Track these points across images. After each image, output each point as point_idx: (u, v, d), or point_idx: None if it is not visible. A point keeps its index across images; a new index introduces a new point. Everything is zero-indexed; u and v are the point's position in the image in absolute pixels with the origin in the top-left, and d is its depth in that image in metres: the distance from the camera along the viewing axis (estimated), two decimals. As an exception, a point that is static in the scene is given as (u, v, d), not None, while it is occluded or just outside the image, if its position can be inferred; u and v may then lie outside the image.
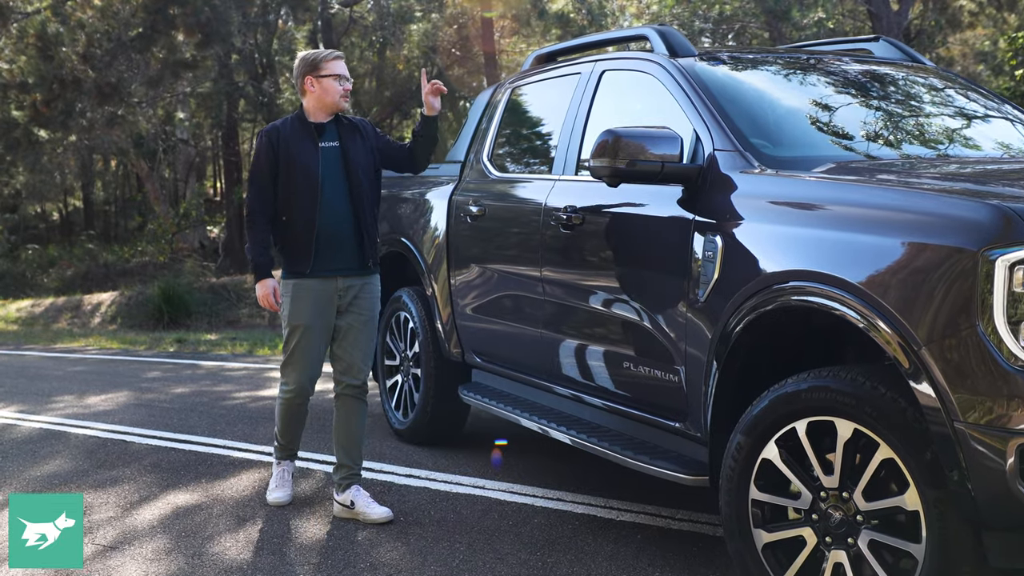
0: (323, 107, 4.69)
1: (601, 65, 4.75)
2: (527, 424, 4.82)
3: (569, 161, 4.71)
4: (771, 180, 3.59)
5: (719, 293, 3.58)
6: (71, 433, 6.60)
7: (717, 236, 3.61)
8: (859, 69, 4.56)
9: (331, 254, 4.65)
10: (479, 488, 5.08)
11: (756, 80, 4.36)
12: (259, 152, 4.70)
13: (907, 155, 3.94)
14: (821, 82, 4.39)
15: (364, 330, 4.77)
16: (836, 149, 3.93)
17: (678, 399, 3.87)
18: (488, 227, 5.24)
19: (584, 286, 4.41)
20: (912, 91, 4.46)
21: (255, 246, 4.68)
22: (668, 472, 3.86)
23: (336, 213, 4.63)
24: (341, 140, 4.68)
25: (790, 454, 3.27)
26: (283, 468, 4.99)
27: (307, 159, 4.61)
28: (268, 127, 4.78)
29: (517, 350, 5.06)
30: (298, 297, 4.66)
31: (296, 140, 4.65)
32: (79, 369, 10.27)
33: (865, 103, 4.29)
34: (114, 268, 24.05)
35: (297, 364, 4.71)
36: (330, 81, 4.65)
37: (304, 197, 4.60)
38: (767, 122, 3.99)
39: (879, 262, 3.03)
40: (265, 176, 4.66)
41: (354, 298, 4.72)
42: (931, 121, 4.24)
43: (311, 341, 4.69)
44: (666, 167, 3.79)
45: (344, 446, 4.79)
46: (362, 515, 4.62)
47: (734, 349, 3.51)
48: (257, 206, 4.66)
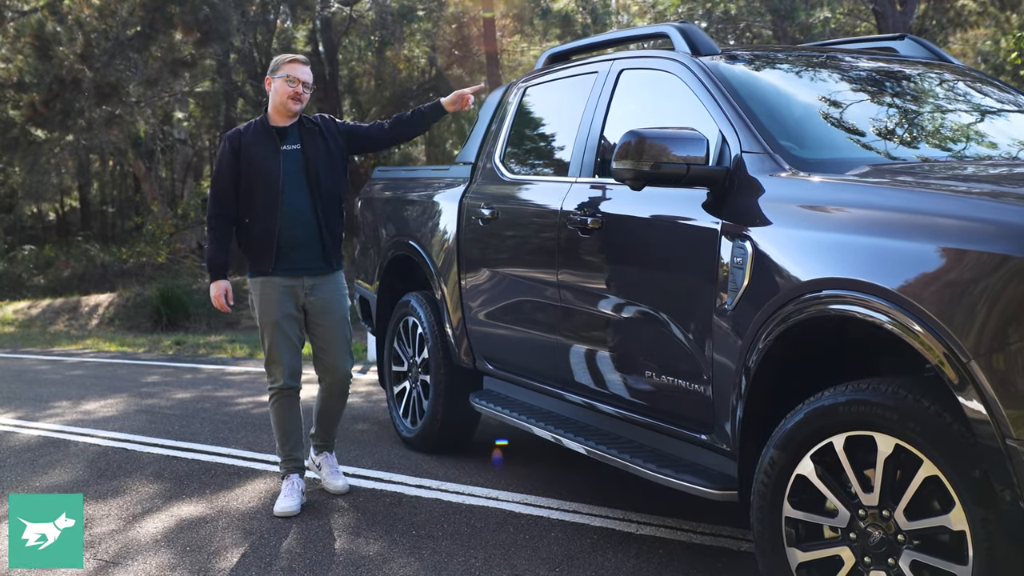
0: (276, 108, 4.81)
1: (619, 64, 4.60)
2: (541, 433, 4.68)
3: (586, 163, 4.57)
4: (803, 183, 3.44)
5: (749, 301, 3.43)
6: (71, 441, 6.44)
7: (747, 242, 3.46)
8: (886, 68, 4.42)
9: (294, 255, 4.79)
10: (492, 499, 4.93)
11: (781, 80, 4.22)
12: (221, 156, 4.83)
13: (942, 158, 3.79)
14: (847, 82, 4.25)
15: (338, 328, 4.93)
16: (867, 151, 3.78)
17: (704, 410, 3.73)
18: (501, 230, 5.09)
19: (603, 292, 4.26)
20: (943, 91, 4.32)
21: (214, 247, 4.81)
22: (694, 486, 3.72)
23: (297, 216, 4.75)
24: (303, 143, 4.80)
25: (826, 470, 3.13)
26: (292, 480, 4.93)
27: (268, 163, 4.73)
28: (231, 131, 4.92)
29: (531, 357, 4.91)
30: (265, 295, 4.80)
31: (258, 144, 4.77)
32: (77, 373, 10.11)
33: (895, 104, 4.14)
34: (111, 269, 23.87)
35: (277, 359, 4.85)
36: (281, 82, 4.76)
37: (265, 200, 4.71)
38: (795, 123, 3.84)
39: (921, 270, 2.88)
40: (226, 179, 4.78)
41: (320, 297, 4.86)
42: (966, 122, 4.10)
43: (285, 334, 4.82)
44: (692, 169, 3.65)
45: (322, 424, 5.14)
46: (324, 481, 5.10)
47: (765, 359, 3.37)
48: (218, 209, 4.79)
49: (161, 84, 16.97)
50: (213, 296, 4.81)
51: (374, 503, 4.91)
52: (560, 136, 4.90)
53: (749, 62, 4.24)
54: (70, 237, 31.30)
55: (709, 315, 3.63)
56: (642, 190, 3.82)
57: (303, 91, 4.80)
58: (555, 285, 4.57)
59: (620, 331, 4.18)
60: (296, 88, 4.76)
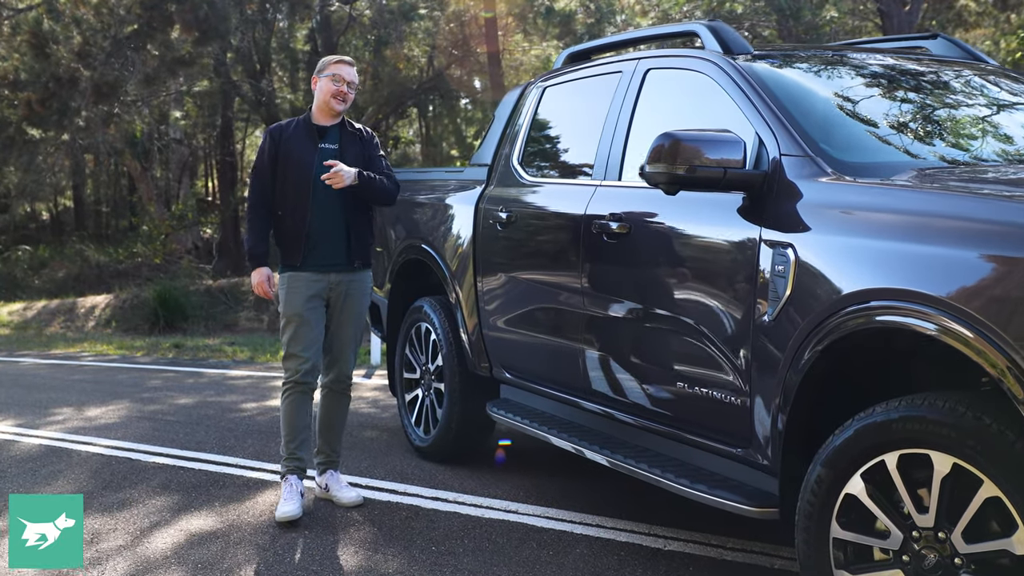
0: (319, 106, 4.91)
1: (645, 63, 4.45)
2: (561, 444, 4.53)
3: (611, 165, 4.42)
4: (848, 188, 3.29)
5: (792, 311, 3.28)
6: (73, 450, 6.27)
7: (788, 249, 3.31)
8: (923, 69, 4.27)
9: (322, 250, 4.85)
10: (512, 513, 4.78)
11: (816, 80, 4.06)
12: (262, 148, 4.93)
13: (990, 161, 3.65)
14: (884, 82, 4.11)
15: (352, 327, 4.99)
16: (910, 155, 3.63)
17: (740, 423, 3.58)
18: (520, 234, 4.94)
19: (632, 300, 4.11)
20: (983, 91, 4.16)
21: (252, 235, 4.89)
22: (731, 503, 3.56)
23: (327, 212, 4.83)
24: (341, 143, 4.90)
25: (878, 489, 2.97)
26: (291, 482, 4.85)
27: (304, 158, 4.82)
28: (274, 125, 5.04)
29: (552, 365, 4.76)
30: (292, 289, 4.84)
31: (297, 139, 4.88)
32: (77, 378, 9.93)
33: (936, 105, 4.00)
34: (107, 269, 23.67)
35: (297, 351, 4.83)
36: (326, 81, 4.86)
37: (297, 194, 4.80)
38: (834, 125, 3.69)
39: (977, 278, 2.74)
40: (265, 171, 4.87)
41: (344, 294, 4.91)
42: (1011, 123, 3.95)
43: (307, 329, 4.82)
44: (728, 173, 3.50)
45: (326, 436, 5.07)
46: (335, 498, 4.96)
47: (810, 372, 3.22)
48: (257, 199, 4.88)
49: (159, 83, 16.76)
50: (255, 283, 4.88)
51: (390, 516, 4.75)
52: (582, 138, 4.74)
53: (783, 62, 4.09)
54: (64, 237, 31.05)
55: (747, 325, 3.48)
56: (676, 194, 3.67)
57: (348, 91, 4.88)
58: (579, 291, 4.42)
59: (649, 340, 4.03)
60: (341, 87, 4.84)
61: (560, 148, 5.16)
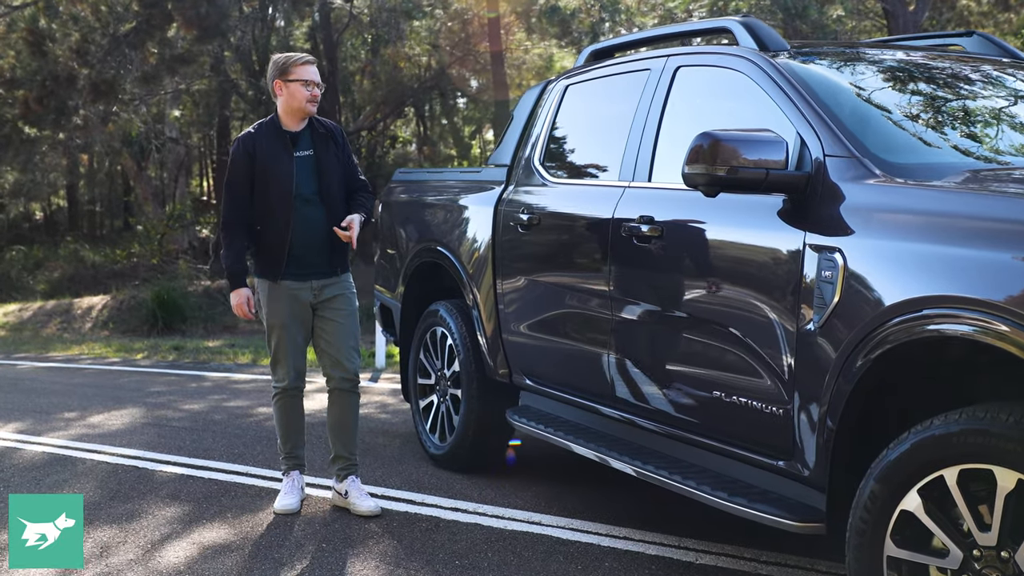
0: (291, 112, 4.74)
1: (675, 61, 4.31)
2: (586, 453, 4.39)
3: (640, 166, 4.27)
4: (899, 190, 3.15)
5: (840, 319, 3.15)
6: (78, 458, 6.11)
7: (836, 254, 3.18)
8: (963, 66, 4.13)
9: (304, 259, 4.77)
10: (536, 524, 4.64)
11: (857, 78, 3.92)
12: (235, 161, 4.75)
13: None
14: (925, 80, 3.97)
15: (346, 323, 4.88)
16: (960, 155, 3.50)
17: (783, 435, 3.44)
18: (543, 237, 4.79)
19: (663, 305, 3.97)
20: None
21: (230, 254, 4.77)
22: (774, 518, 3.42)
23: (308, 221, 4.73)
24: (315, 149, 4.77)
25: (935, 505, 2.84)
26: (292, 477, 4.97)
27: (282, 169, 4.69)
28: (243, 135, 4.83)
29: (576, 372, 4.62)
30: (274, 297, 4.79)
31: (271, 149, 4.71)
32: (78, 382, 9.76)
33: (981, 103, 3.87)
34: (102, 270, 23.49)
35: (283, 359, 4.84)
36: (297, 86, 4.68)
37: (279, 207, 4.69)
38: (880, 125, 3.56)
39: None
40: (242, 185, 4.73)
41: (331, 296, 4.84)
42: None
43: (292, 336, 4.81)
44: (771, 175, 3.36)
45: (340, 439, 4.95)
46: (353, 507, 4.84)
47: (861, 383, 3.08)
48: (233, 215, 4.75)
49: (157, 81, 16.57)
50: (234, 305, 4.79)
51: (409, 529, 4.61)
52: (609, 137, 4.60)
53: (821, 59, 3.96)
54: (58, 237, 30.83)
55: (790, 332, 3.34)
56: (716, 196, 3.53)
57: (318, 91, 4.76)
58: (606, 296, 4.28)
59: (682, 346, 3.89)
60: (313, 91, 4.72)
61: (584, 148, 5.01)
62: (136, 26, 14.95)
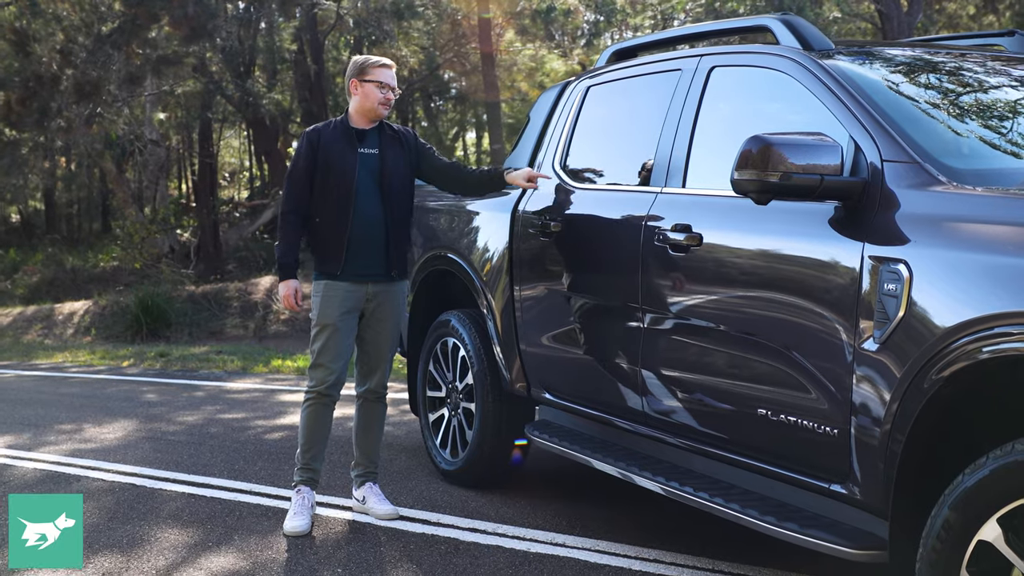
0: (363, 112, 4.76)
1: (709, 60, 4.11)
2: (613, 472, 4.19)
3: (673, 171, 4.07)
4: (972, 199, 2.96)
5: (905, 335, 2.95)
6: (72, 475, 5.84)
7: (900, 265, 2.98)
8: (1012, 66, 3.95)
9: (361, 259, 4.72)
10: (560, 546, 4.42)
11: (906, 79, 3.74)
12: (299, 153, 4.76)
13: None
14: (977, 81, 3.79)
15: (390, 337, 4.88)
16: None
17: (837, 457, 3.24)
18: (567, 244, 4.58)
19: (702, 318, 3.77)
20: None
21: (284, 245, 4.73)
22: (831, 545, 3.22)
23: (368, 219, 4.69)
24: (381, 148, 4.76)
25: (1017, 535, 2.65)
26: (303, 495, 4.79)
27: (345, 164, 4.67)
28: (311, 128, 4.84)
29: (602, 387, 4.41)
30: (328, 297, 4.72)
31: (336, 144, 4.71)
32: (65, 391, 9.47)
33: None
34: (81, 274, 23.10)
35: (326, 362, 4.74)
36: (372, 87, 4.71)
37: (339, 201, 4.66)
38: (938, 127, 3.37)
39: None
40: (303, 177, 4.71)
41: (380, 304, 4.80)
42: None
43: (338, 340, 4.72)
44: (826, 181, 3.17)
45: (364, 449, 4.98)
46: (371, 511, 4.87)
47: (930, 403, 2.89)
48: (292, 205, 4.72)
49: (142, 82, 16.24)
50: (283, 296, 4.74)
51: (428, 552, 4.39)
52: (637, 141, 4.40)
53: (868, 59, 3.77)
54: (35, 240, 30.34)
55: (847, 349, 3.15)
56: (767, 204, 3.33)
57: (393, 96, 4.79)
58: (636, 307, 4.08)
59: (723, 362, 3.69)
60: (388, 94, 4.74)
61: (610, 152, 4.80)
62: (120, 26, 14.64)
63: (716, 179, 3.85)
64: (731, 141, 3.79)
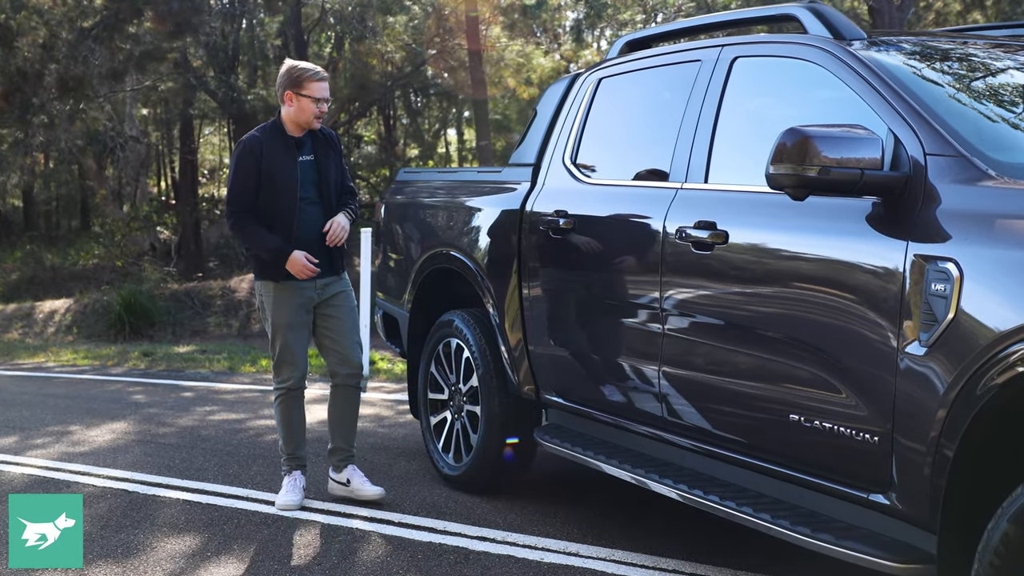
0: (297, 123, 4.87)
1: (731, 51, 3.95)
2: (633, 480, 4.04)
3: (694, 166, 3.91)
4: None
5: (954, 338, 2.80)
6: (64, 481, 5.62)
7: (949, 264, 2.83)
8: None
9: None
10: (574, 556, 4.26)
11: (945, 69, 3.59)
12: (244, 164, 4.82)
13: None
14: (1018, 71, 3.64)
15: (349, 319, 5.02)
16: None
17: (878, 466, 3.09)
18: (579, 242, 4.42)
19: (729, 319, 3.61)
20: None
21: (260, 234, 4.79)
22: (871, 558, 3.07)
23: (310, 223, 4.86)
24: (315, 154, 4.92)
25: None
26: (294, 476, 5.03)
27: (288, 173, 4.82)
28: (248, 137, 4.91)
29: (618, 391, 4.25)
30: (280, 298, 4.88)
31: (277, 153, 4.82)
32: (50, 392, 9.22)
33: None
34: (62, 272, 22.76)
35: (289, 359, 4.93)
36: (308, 102, 4.81)
37: (284, 210, 4.81)
38: (983, 120, 3.23)
39: None
40: (249, 186, 4.81)
41: (332, 294, 4.97)
42: None
43: (296, 337, 4.91)
44: (866, 175, 3.02)
45: (341, 433, 5.09)
46: (356, 492, 5.02)
47: (982, 411, 2.74)
48: (246, 215, 4.83)
49: (127, 78, 15.94)
50: (299, 269, 4.77)
51: (437, 562, 4.21)
52: (655, 134, 4.24)
53: (903, 49, 3.62)
54: (13, 238, 29.92)
55: (889, 352, 2.99)
56: (804, 199, 3.17)
57: (326, 108, 4.92)
58: (656, 308, 3.92)
59: (751, 366, 3.53)
60: (322, 108, 4.86)
61: (624, 146, 4.62)
62: (103, 20, 14.35)
63: (741, 174, 3.71)
64: (757, 135, 3.66)
